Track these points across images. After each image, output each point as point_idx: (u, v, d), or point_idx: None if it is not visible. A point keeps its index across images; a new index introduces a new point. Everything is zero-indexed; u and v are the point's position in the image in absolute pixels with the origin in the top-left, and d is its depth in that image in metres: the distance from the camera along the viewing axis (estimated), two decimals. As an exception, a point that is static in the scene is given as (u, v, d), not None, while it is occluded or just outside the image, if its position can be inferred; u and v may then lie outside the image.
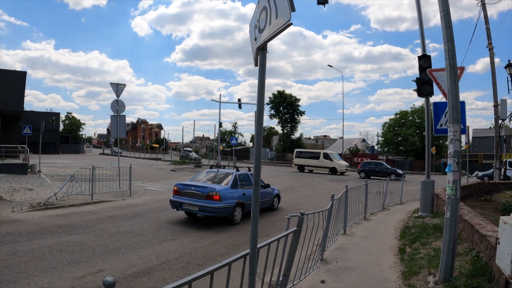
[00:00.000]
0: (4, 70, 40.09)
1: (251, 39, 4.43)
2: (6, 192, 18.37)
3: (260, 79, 3.85)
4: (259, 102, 3.89)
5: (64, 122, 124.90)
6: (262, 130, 4.02)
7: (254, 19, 4.28)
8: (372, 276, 7.63)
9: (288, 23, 3.21)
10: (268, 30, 3.65)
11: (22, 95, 37.77)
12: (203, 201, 12.97)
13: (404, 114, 68.32)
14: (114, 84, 22.61)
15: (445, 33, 7.01)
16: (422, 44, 15.18)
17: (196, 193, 13.27)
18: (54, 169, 34.71)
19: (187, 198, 13.42)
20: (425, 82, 14.13)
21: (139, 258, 8.87)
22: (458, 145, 6.73)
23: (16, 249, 9.19)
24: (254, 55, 4.19)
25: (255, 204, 4.11)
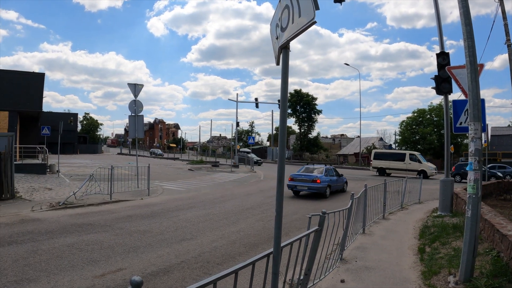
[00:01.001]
0: (23, 72, 40.41)
1: (272, 38, 4.41)
2: (26, 191, 18.55)
3: (283, 78, 3.83)
4: (283, 101, 3.87)
5: (82, 123, 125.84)
6: (286, 129, 4.01)
7: (276, 18, 4.25)
8: (392, 275, 7.58)
9: (312, 21, 3.19)
10: (290, 29, 3.64)
11: (40, 96, 38.05)
12: (310, 183, 21.26)
13: (421, 112, 67.56)
14: (131, 85, 22.75)
15: (464, 30, 6.94)
16: (440, 41, 15.03)
17: (305, 179, 21.55)
18: (72, 169, 34.96)
19: (298, 182, 21.66)
20: (444, 80, 14.00)
21: (158, 257, 8.90)
22: (479, 144, 6.66)
23: (37, 248, 9.28)
24: (275, 53, 4.17)
25: (278, 203, 4.09)
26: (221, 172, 41.56)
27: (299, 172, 22.62)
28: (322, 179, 21.42)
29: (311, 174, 21.93)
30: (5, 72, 37.73)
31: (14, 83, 35.53)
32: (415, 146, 66.71)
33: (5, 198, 15.98)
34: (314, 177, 21.42)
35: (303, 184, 21.45)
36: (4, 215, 13.20)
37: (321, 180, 21.28)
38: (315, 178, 21.36)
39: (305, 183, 21.42)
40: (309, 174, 21.97)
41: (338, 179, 23.97)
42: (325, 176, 21.89)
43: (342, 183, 24.75)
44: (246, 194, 22.39)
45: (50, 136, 31.50)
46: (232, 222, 13.54)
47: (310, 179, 21.36)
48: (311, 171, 22.57)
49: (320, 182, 21.17)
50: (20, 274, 7.40)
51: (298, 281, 5.72)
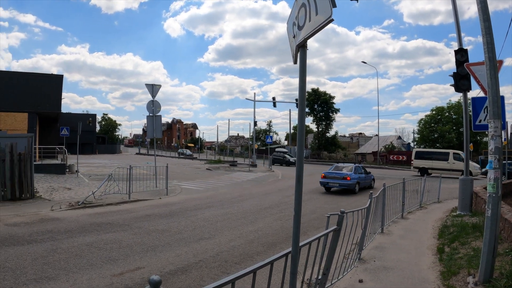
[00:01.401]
0: (42, 74, 40.87)
1: (289, 37, 4.40)
2: (45, 191, 18.73)
3: (301, 76, 3.82)
4: (301, 100, 3.86)
5: (101, 123, 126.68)
6: (304, 128, 4.01)
7: (292, 16, 4.24)
8: (411, 276, 7.52)
9: (329, 19, 3.17)
10: (307, 27, 3.62)
11: (59, 97, 38.43)
12: (341, 180, 23.08)
13: (440, 110, 66.93)
14: (149, 85, 22.92)
15: (483, 25, 6.84)
16: (458, 37, 14.85)
17: (336, 177, 23.36)
18: (91, 169, 35.21)
19: (330, 179, 23.54)
20: (463, 77, 13.85)
21: (177, 256, 8.93)
22: (499, 141, 6.57)
23: (56, 247, 9.37)
24: (293, 52, 4.15)
25: (297, 202, 4.07)
26: (239, 171, 41.64)
27: (330, 170, 24.65)
28: (352, 177, 23.12)
29: (341, 172, 23.74)
30: (25, 75, 38.11)
31: (33, 85, 35.91)
32: (434, 145, 66.03)
33: (25, 198, 16.15)
34: (345, 175, 23.16)
35: (335, 181, 23.31)
36: (24, 214, 13.36)
37: (351, 177, 22.99)
38: (346, 175, 23.09)
39: (336, 180, 23.27)
40: (339, 172, 23.79)
41: (366, 176, 25.71)
42: (354, 173, 23.62)
43: (369, 180, 26.22)
44: (264, 193, 22.35)
45: (69, 136, 31.82)
46: (250, 221, 13.55)
47: (341, 177, 23.16)
48: (341, 169, 24.49)
49: (350, 179, 22.91)
50: (40, 272, 7.47)
51: (316, 281, 5.70)
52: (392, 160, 66.96)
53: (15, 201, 15.66)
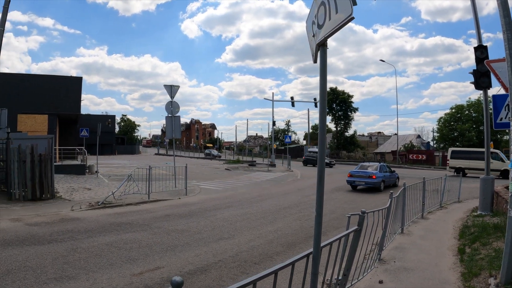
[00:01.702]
0: (61, 76, 41.47)
1: (308, 36, 4.37)
2: (66, 191, 18.89)
3: (321, 75, 3.79)
4: (322, 100, 3.83)
5: (120, 124, 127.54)
6: (325, 127, 3.98)
7: (311, 15, 4.21)
8: (431, 277, 7.43)
9: (350, 17, 3.14)
10: (327, 26, 3.59)
11: (78, 99, 38.80)
12: (366, 178, 24.00)
13: (460, 108, 66.14)
14: (168, 86, 23.05)
15: (503, 21, 6.74)
16: (477, 34, 14.64)
17: (362, 175, 24.31)
18: (111, 170, 35.51)
19: (356, 178, 24.44)
20: (483, 74, 13.67)
21: (196, 256, 8.94)
22: (521, 140, 6.47)
23: (76, 246, 9.45)
24: (312, 51, 4.12)
25: (319, 203, 4.06)
26: (258, 171, 41.69)
27: (356, 169, 25.48)
28: (377, 175, 23.92)
29: (367, 171, 24.55)
30: (44, 77, 38.63)
31: (53, 87, 36.31)
32: (454, 143, 65.37)
33: (45, 198, 16.32)
34: (370, 173, 24.08)
35: (361, 180, 24.29)
36: (44, 214, 13.49)
37: (376, 176, 23.83)
38: (371, 174, 23.99)
39: (362, 178, 24.26)
40: (365, 171, 24.63)
41: (391, 175, 26.52)
42: (379, 172, 24.37)
43: (394, 179, 27.00)
44: (283, 193, 22.33)
45: (89, 137, 32.04)
46: (269, 221, 13.53)
47: (367, 175, 24.13)
48: (367, 168, 25.21)
49: (375, 177, 23.76)
50: (60, 271, 7.53)
51: (336, 282, 5.66)
52: (411, 159, 66.49)
53: (36, 201, 15.82)
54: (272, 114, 63.27)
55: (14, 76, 37.86)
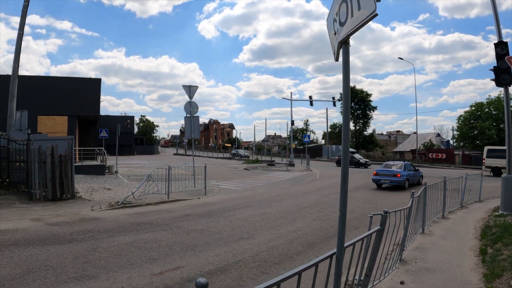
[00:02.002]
0: (80, 78, 41.93)
1: (329, 34, 4.32)
2: (86, 191, 19.04)
3: (344, 74, 3.75)
4: (345, 98, 3.80)
5: (138, 125, 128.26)
6: (349, 126, 3.94)
7: (332, 13, 4.17)
8: (453, 278, 7.34)
9: (373, 14, 3.09)
10: (350, 23, 3.55)
11: (97, 101, 39.25)
12: (391, 177, 24.61)
13: (479, 106, 65.66)
14: (186, 87, 23.16)
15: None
16: (497, 30, 14.41)
17: (387, 174, 24.92)
18: (130, 170, 35.76)
19: (382, 176, 25.03)
20: (504, 71, 13.50)
21: (216, 256, 8.93)
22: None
23: (96, 246, 9.51)
24: (334, 49, 4.07)
25: (342, 202, 4.03)
26: (277, 171, 41.56)
27: (381, 168, 26.17)
28: (402, 174, 24.55)
29: (392, 170, 25.25)
30: (64, 79, 39.10)
31: (72, 89, 36.80)
32: (474, 142, 64.88)
33: (65, 198, 16.46)
34: (395, 172, 24.73)
35: (386, 178, 24.91)
36: (65, 214, 13.61)
37: (401, 174, 24.46)
38: (396, 172, 24.65)
39: (387, 177, 24.88)
40: (390, 170, 25.33)
41: (415, 173, 26.92)
42: (404, 171, 24.94)
43: (418, 177, 27.40)
44: (302, 193, 22.25)
45: (108, 138, 32.30)
46: (289, 221, 13.48)
47: (392, 174, 24.77)
48: (391, 167, 25.94)
49: (400, 176, 24.38)
50: (80, 271, 7.58)
51: (358, 282, 5.61)
52: (431, 158, 65.93)
53: (56, 201, 15.97)
54: (290, 113, 63.24)
55: (34, 79, 38.42)
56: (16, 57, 21.53)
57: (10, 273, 7.34)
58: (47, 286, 6.77)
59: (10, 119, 21.09)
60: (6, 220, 12.30)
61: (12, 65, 21.50)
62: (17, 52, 21.56)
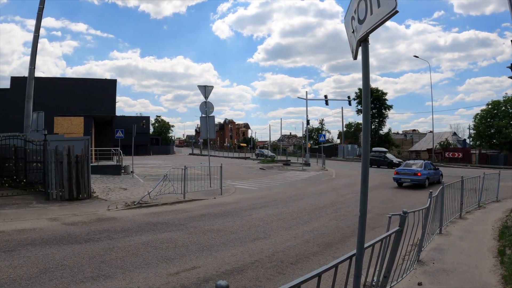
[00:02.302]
0: (96, 79, 42.20)
1: (347, 32, 4.28)
2: (102, 191, 19.14)
3: (364, 72, 3.71)
4: (365, 97, 3.76)
5: (154, 125, 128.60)
6: (369, 125, 3.90)
7: (351, 11, 4.12)
8: (471, 279, 7.24)
9: (394, 11, 3.05)
10: (369, 21, 3.50)
11: (113, 101, 39.51)
12: (412, 176, 25.11)
13: (496, 104, 64.87)
14: (201, 87, 23.24)
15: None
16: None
17: (408, 173, 25.44)
18: (146, 170, 35.89)
19: (403, 175, 25.55)
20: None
21: (232, 256, 8.91)
22: None
23: (112, 245, 9.55)
24: (352, 48, 4.03)
25: (363, 203, 3.98)
26: (293, 170, 41.44)
27: (402, 167, 27.00)
28: (422, 173, 25.07)
29: (412, 169, 25.79)
30: (79, 80, 39.40)
31: (88, 90, 37.12)
32: (490, 141, 64.21)
33: (82, 198, 16.56)
34: (416, 171, 25.26)
35: (407, 177, 25.42)
36: (81, 214, 13.69)
37: (421, 173, 24.98)
38: (417, 171, 25.17)
39: (408, 176, 25.40)
40: (411, 169, 25.87)
41: (435, 172, 27.47)
42: (424, 170, 25.44)
43: (438, 176, 27.83)
44: (318, 192, 22.16)
45: (124, 138, 32.48)
46: (305, 221, 13.43)
47: (412, 173, 25.29)
48: (412, 166, 26.48)
49: (420, 175, 24.90)
50: (97, 270, 7.61)
51: (376, 284, 5.55)
52: (447, 158, 65.54)
53: (73, 201, 16.07)
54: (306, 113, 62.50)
55: (50, 80, 38.72)
56: (32, 59, 21.75)
57: (27, 272, 7.38)
58: (64, 285, 6.80)
59: (27, 120, 21.31)
60: (23, 220, 12.41)
61: (28, 67, 21.72)
62: (33, 54, 21.78)
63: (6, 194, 16.54)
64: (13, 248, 9.13)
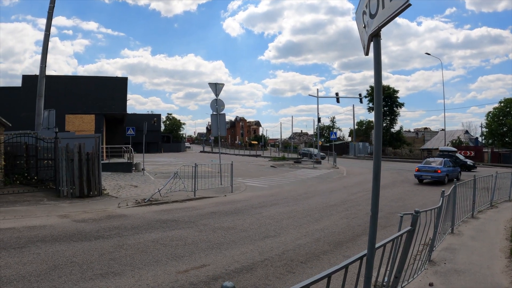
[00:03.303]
0: (107, 77, 42.41)
1: (358, 27, 4.20)
2: (113, 189, 19.17)
3: (376, 68, 3.63)
4: (377, 94, 3.68)
5: (165, 123, 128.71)
6: (381, 123, 3.84)
7: (362, 5, 4.04)
8: (483, 280, 7.14)
9: (406, 4, 2.97)
10: (381, 15, 3.42)
11: (124, 99, 39.51)
12: (432, 173, 26.21)
13: (509, 102, 63.61)
14: (212, 84, 23.22)
15: None
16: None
17: (428, 170, 26.53)
18: (157, 167, 35.83)
19: (423, 172, 26.69)
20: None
21: (242, 254, 8.87)
22: None
23: (122, 243, 9.54)
24: (364, 43, 3.95)
25: (374, 202, 3.91)
26: (304, 168, 41.14)
27: (423, 165, 28.02)
28: (442, 170, 26.24)
29: (433, 166, 26.91)
30: (91, 78, 39.50)
31: (99, 88, 37.14)
32: (503, 139, 63.54)
33: (93, 195, 16.60)
34: (436, 168, 26.40)
35: (427, 174, 26.63)
36: (92, 211, 13.71)
37: (441, 170, 26.12)
38: (437, 169, 26.32)
39: (428, 173, 26.57)
40: (431, 166, 26.99)
41: (454, 169, 28.50)
42: (444, 167, 26.68)
43: (456, 173, 28.62)
44: (329, 191, 22.02)
45: (135, 136, 32.57)
46: (316, 219, 13.34)
47: (433, 170, 26.42)
48: (432, 163, 27.62)
49: (440, 172, 26.03)
50: (106, 267, 7.61)
51: (387, 284, 5.47)
52: (459, 156, 64.94)
53: (83, 198, 16.12)
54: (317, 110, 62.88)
55: (61, 78, 38.89)
56: (43, 57, 21.85)
57: (36, 269, 7.39)
58: (73, 282, 6.80)
59: (38, 118, 21.42)
60: (34, 217, 12.46)
61: (40, 65, 21.82)
62: (44, 52, 21.88)
63: (18, 191, 16.61)
64: (23, 244, 9.15)
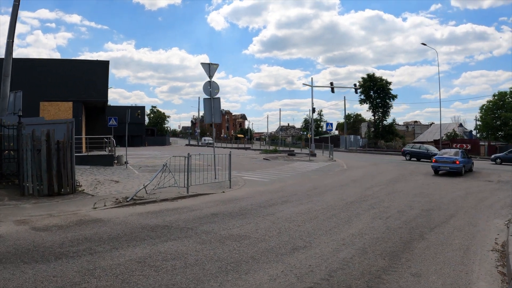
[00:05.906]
0: (87, 61, 39.70)
1: None
2: (89, 185, 16.35)
3: None
4: None
5: (149, 116, 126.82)
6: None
7: None
8: None
9: None
10: None
11: (105, 85, 36.41)
12: (451, 164, 25.46)
13: (502, 95, 62.93)
14: (205, 64, 21.16)
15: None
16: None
17: (446, 161, 25.83)
18: (141, 160, 33.24)
19: (441, 163, 25.98)
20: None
21: (271, 279, 6.01)
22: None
23: (94, 265, 6.51)
24: None
25: None
26: (299, 161, 39.08)
27: (440, 156, 27.38)
28: (460, 161, 25.55)
29: (451, 157, 26.20)
30: (69, 62, 36.37)
31: (77, 72, 34.02)
32: (497, 132, 62.35)
33: (64, 193, 13.76)
34: (454, 159, 25.69)
35: (445, 165, 25.86)
36: (59, 214, 10.76)
37: (459, 161, 25.44)
38: (455, 159, 25.63)
39: (446, 164, 25.85)
40: (449, 157, 26.28)
41: (469, 161, 28.40)
42: (461, 158, 26.05)
43: (470, 164, 28.67)
44: (339, 185, 19.48)
45: (118, 128, 30.58)
46: (344, 221, 10.61)
47: (451, 161, 25.72)
48: (448, 154, 27.09)
49: (459, 163, 25.36)
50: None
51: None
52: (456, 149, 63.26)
53: (53, 197, 13.28)
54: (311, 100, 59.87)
55: (36, 62, 35.53)
56: (11, 31, 18.62)
57: None
58: None
59: (3, 102, 18.26)
60: (-19, 223, 9.45)
61: (6, 40, 18.64)
62: (11, 25, 18.66)
63: (-27, 189, 13.59)
64: None
